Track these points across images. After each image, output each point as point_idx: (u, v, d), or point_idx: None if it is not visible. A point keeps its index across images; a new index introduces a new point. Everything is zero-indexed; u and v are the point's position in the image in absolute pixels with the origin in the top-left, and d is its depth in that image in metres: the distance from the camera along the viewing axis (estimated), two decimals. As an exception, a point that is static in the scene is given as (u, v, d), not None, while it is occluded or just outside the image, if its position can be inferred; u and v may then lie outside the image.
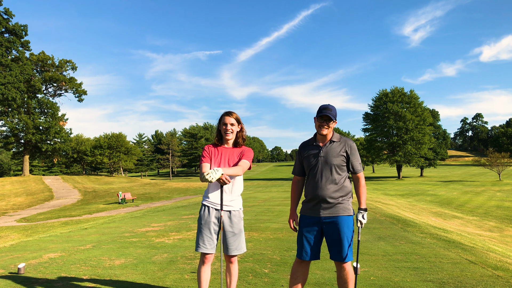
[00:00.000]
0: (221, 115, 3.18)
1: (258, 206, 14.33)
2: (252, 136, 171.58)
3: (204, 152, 3.18)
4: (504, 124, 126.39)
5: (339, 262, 2.87)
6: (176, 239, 7.19)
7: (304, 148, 3.06)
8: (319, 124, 2.93)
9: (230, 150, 3.17)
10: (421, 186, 43.50)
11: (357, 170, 2.97)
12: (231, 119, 3.13)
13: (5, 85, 47.10)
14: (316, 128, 2.98)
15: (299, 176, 3.12)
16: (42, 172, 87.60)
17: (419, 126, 59.64)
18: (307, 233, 2.94)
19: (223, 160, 3.12)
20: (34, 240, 8.39)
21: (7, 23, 49.19)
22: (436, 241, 6.46)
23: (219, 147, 3.19)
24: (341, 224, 2.87)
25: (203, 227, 3.07)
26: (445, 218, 17.90)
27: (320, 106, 2.98)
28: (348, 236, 2.87)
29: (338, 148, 2.94)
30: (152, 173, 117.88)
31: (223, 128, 3.14)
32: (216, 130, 3.25)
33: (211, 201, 3.10)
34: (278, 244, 6.27)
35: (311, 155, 2.98)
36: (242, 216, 3.19)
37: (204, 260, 3.07)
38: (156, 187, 46.52)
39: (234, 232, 3.10)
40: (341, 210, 2.89)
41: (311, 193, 2.94)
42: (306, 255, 2.93)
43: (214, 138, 3.23)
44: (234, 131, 3.16)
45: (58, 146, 56.81)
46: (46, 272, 4.75)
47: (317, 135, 3.02)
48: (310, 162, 2.97)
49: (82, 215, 21.82)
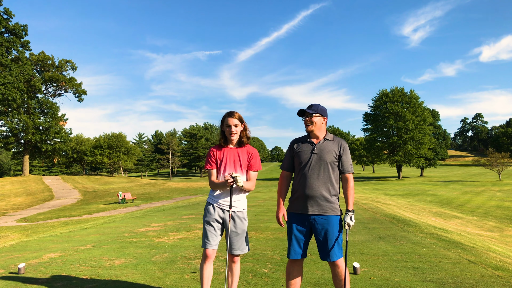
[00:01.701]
0: (223, 116, 3.16)
1: (258, 206, 14.34)
2: (252, 136, 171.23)
3: (210, 158, 3.19)
4: (504, 124, 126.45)
5: (330, 261, 2.88)
6: (176, 239, 7.19)
7: (297, 144, 3.03)
8: (304, 121, 2.98)
9: (236, 150, 3.18)
10: (421, 186, 43.50)
11: (347, 170, 2.96)
12: (234, 120, 3.12)
13: (5, 85, 47.10)
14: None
15: (288, 172, 3.10)
16: (42, 172, 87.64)
17: (419, 126, 59.66)
18: (296, 231, 2.92)
19: (229, 161, 3.14)
20: (34, 240, 8.38)
21: (7, 23, 49.19)
22: (436, 241, 6.46)
23: (224, 148, 3.19)
24: (331, 224, 2.86)
25: (207, 225, 3.11)
26: (445, 218, 17.90)
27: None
28: (336, 236, 2.86)
29: (332, 146, 2.95)
30: (152, 173, 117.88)
31: (227, 130, 3.13)
32: (220, 131, 3.23)
33: (217, 200, 3.14)
34: (278, 244, 6.27)
35: (304, 151, 2.96)
36: (246, 216, 3.19)
37: (206, 257, 3.08)
38: (156, 187, 46.52)
39: (237, 232, 3.11)
40: (330, 209, 2.87)
41: (301, 190, 2.91)
42: (297, 254, 2.91)
43: (220, 140, 3.21)
44: (238, 131, 3.16)
45: (58, 146, 56.83)
46: (46, 272, 4.75)
47: (310, 134, 3.04)
48: (302, 158, 2.95)
49: (82, 215, 21.82)
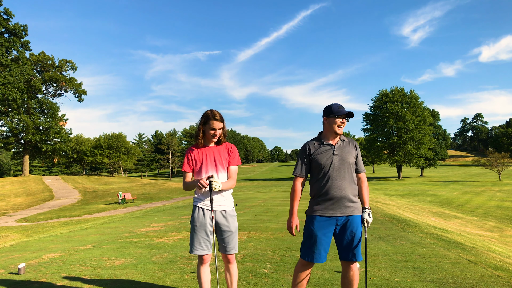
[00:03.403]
0: (206, 118, 3.05)
1: (258, 206, 14.33)
2: (252, 136, 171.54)
3: (188, 161, 3.12)
4: (504, 124, 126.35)
5: (350, 262, 2.82)
6: (176, 239, 7.19)
7: (312, 147, 2.93)
8: (339, 123, 2.86)
9: (215, 148, 3.14)
10: (421, 186, 43.49)
11: (362, 169, 2.99)
12: (219, 124, 3.06)
13: (5, 85, 47.09)
14: (331, 127, 2.88)
15: (304, 178, 2.97)
16: (42, 172, 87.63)
17: (419, 126, 59.64)
18: (322, 235, 2.83)
19: (210, 160, 3.09)
20: (34, 240, 8.38)
21: (7, 23, 49.17)
22: (436, 241, 6.46)
23: (203, 148, 3.13)
24: (355, 224, 2.85)
25: (198, 229, 3.03)
26: (445, 218, 17.89)
27: (333, 105, 2.90)
28: (360, 235, 2.86)
29: (349, 146, 2.94)
30: (152, 173, 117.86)
31: (210, 132, 3.05)
32: (199, 130, 3.10)
33: (205, 203, 3.07)
34: (278, 244, 6.27)
35: (324, 153, 2.88)
36: (235, 214, 3.18)
37: (203, 261, 3.06)
38: (156, 187, 46.50)
39: (231, 231, 3.09)
40: (356, 210, 2.86)
41: (328, 192, 2.83)
42: (322, 258, 2.83)
43: (199, 139, 3.09)
44: (220, 132, 3.12)
45: (58, 146, 56.79)
46: (46, 272, 4.75)
47: (325, 134, 2.94)
48: (324, 160, 2.86)
49: (82, 215, 21.81)
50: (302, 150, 2.98)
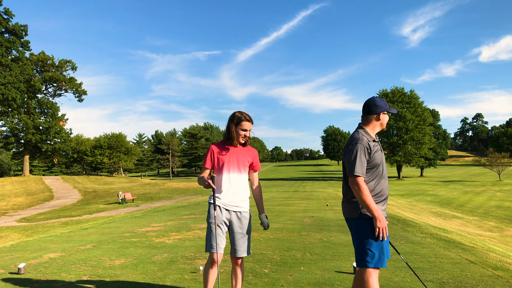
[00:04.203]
0: (237, 117, 3.04)
1: (258, 206, 14.32)
2: (252, 136, 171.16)
3: (211, 156, 3.08)
4: (504, 124, 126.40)
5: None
6: (176, 239, 7.18)
7: (370, 143, 2.67)
8: (388, 119, 2.80)
9: (240, 149, 3.12)
10: (421, 186, 43.50)
11: None
12: (250, 125, 3.06)
13: (5, 85, 47.10)
14: (383, 124, 2.78)
15: (364, 177, 2.65)
16: (42, 172, 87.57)
17: (419, 126, 59.67)
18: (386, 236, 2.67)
19: (233, 160, 3.06)
20: (34, 240, 8.38)
21: (7, 23, 49.19)
22: (436, 241, 6.46)
23: (228, 146, 3.10)
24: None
25: (214, 227, 2.96)
26: (445, 218, 17.89)
27: (384, 101, 2.78)
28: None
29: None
30: (152, 173, 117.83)
31: (241, 133, 3.04)
32: (229, 129, 3.06)
33: (223, 201, 3.02)
34: (278, 244, 6.27)
35: (379, 150, 2.72)
36: (251, 217, 3.10)
37: (215, 260, 2.96)
38: (156, 187, 46.50)
39: (244, 234, 3.03)
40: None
41: (384, 192, 2.71)
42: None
43: (229, 138, 3.07)
44: (249, 134, 3.12)
45: (58, 146, 56.81)
46: (46, 272, 4.75)
47: (374, 131, 2.78)
48: (380, 158, 2.69)
49: (82, 215, 21.82)
50: (362, 147, 2.61)
